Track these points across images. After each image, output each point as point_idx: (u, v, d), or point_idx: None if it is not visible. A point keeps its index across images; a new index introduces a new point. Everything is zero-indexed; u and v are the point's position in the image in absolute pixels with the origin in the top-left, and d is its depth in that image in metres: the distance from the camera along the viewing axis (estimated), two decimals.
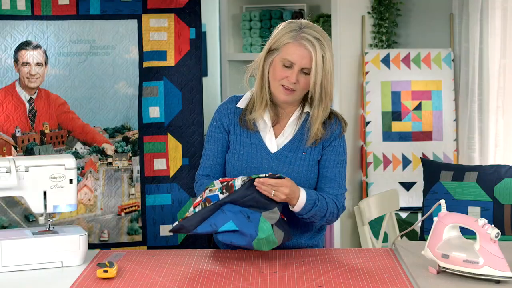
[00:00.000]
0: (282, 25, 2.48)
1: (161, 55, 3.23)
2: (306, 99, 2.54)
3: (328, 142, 2.54)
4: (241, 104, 2.58)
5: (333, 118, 2.55)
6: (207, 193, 2.39)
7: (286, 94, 2.45)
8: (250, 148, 2.54)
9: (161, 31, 3.23)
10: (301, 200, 2.42)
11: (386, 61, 4.11)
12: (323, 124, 2.52)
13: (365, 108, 4.07)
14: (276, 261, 2.41)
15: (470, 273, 2.17)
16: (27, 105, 3.14)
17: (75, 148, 3.19)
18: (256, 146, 2.54)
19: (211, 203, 2.35)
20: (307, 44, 2.39)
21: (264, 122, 2.54)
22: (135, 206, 3.24)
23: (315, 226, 2.63)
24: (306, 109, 2.53)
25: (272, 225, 2.34)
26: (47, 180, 2.44)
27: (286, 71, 2.43)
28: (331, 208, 2.49)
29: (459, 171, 3.03)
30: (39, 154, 3.13)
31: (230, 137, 2.57)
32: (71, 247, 2.40)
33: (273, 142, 2.53)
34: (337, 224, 3.96)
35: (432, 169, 3.11)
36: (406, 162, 4.06)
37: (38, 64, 3.13)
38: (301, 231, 2.59)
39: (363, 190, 4.15)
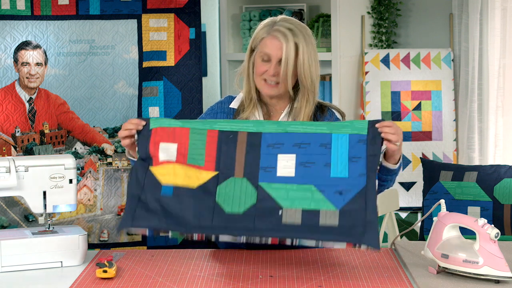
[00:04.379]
0: (259, 25, 2.54)
1: (161, 55, 3.23)
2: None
3: None
4: (234, 104, 2.61)
5: (326, 111, 2.57)
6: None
7: (269, 88, 2.49)
8: None
9: (161, 31, 3.23)
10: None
11: (385, 61, 4.11)
12: (315, 119, 2.54)
13: (364, 108, 4.07)
14: (276, 261, 2.41)
15: (469, 273, 2.17)
16: (27, 105, 3.14)
17: (75, 148, 3.19)
18: None
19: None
20: (279, 35, 2.44)
21: (256, 119, 2.56)
22: None
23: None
24: (296, 104, 2.55)
25: None
26: (47, 180, 2.44)
27: (265, 65, 2.47)
28: None
29: (458, 171, 3.03)
30: (38, 154, 3.13)
31: None
32: (70, 247, 2.40)
33: None
34: None
35: (432, 169, 3.11)
36: (406, 162, 4.06)
37: (37, 64, 3.13)
38: None
39: None
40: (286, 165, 2.16)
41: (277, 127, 2.23)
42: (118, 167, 3.23)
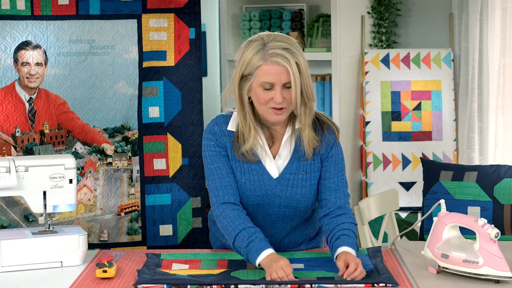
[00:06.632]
0: (244, 47, 2.38)
1: (161, 55, 3.23)
2: (294, 115, 2.46)
3: (325, 154, 2.47)
4: (231, 126, 2.46)
5: (325, 128, 2.47)
6: None
7: (277, 114, 2.36)
8: (251, 175, 2.44)
9: (161, 31, 3.23)
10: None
11: (385, 61, 4.11)
12: (319, 136, 2.46)
13: (365, 108, 4.07)
14: None
15: (469, 273, 2.17)
16: (27, 105, 3.14)
17: (75, 148, 3.19)
18: (258, 173, 2.44)
19: None
20: (279, 59, 2.30)
21: (261, 147, 2.45)
22: (134, 206, 3.24)
23: (313, 232, 2.62)
24: (297, 125, 2.44)
25: None
26: (47, 180, 2.44)
27: (269, 93, 2.33)
28: (354, 229, 2.44)
29: (458, 171, 3.03)
30: (38, 154, 3.13)
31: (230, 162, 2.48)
32: (70, 247, 2.40)
33: (273, 166, 2.44)
34: None
35: (432, 169, 3.10)
36: (405, 162, 4.06)
37: (37, 64, 3.13)
38: (298, 241, 2.59)
39: (362, 190, 4.15)
40: (295, 266, 2.36)
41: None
42: (118, 167, 3.23)
